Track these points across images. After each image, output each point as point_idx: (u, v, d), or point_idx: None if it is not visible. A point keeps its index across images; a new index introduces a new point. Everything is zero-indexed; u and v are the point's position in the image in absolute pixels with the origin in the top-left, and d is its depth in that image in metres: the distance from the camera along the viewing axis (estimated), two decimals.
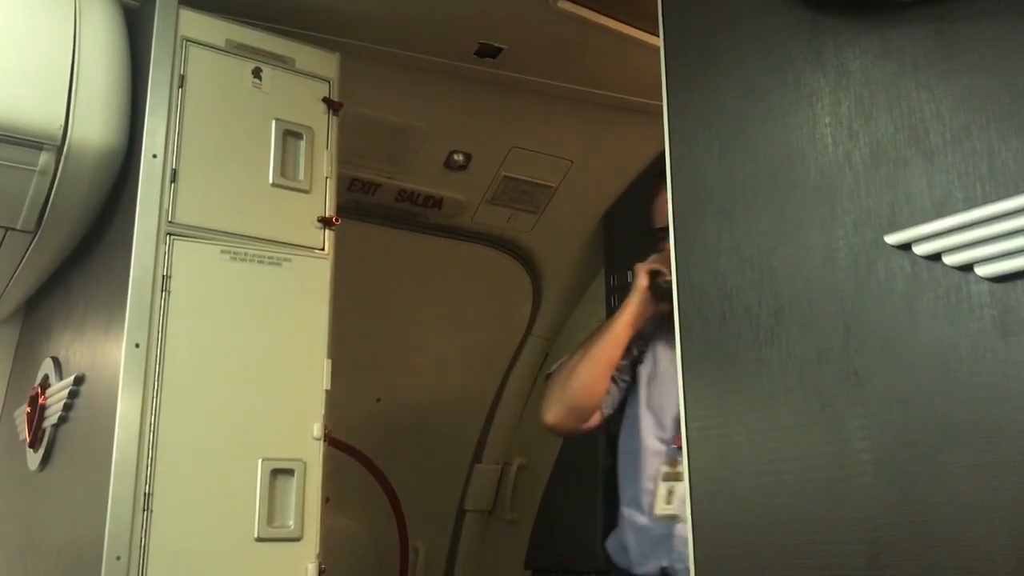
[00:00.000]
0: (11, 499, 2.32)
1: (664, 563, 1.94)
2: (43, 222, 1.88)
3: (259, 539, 1.64)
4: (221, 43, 1.81)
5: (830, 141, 1.11)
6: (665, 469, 2.00)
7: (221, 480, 1.64)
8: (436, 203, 2.79)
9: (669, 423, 2.03)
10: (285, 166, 1.83)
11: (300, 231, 1.82)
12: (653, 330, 2.15)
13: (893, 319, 1.00)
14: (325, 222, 1.85)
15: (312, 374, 1.76)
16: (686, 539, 1.82)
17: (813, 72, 1.15)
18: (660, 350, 2.15)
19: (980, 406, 0.92)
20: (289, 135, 1.84)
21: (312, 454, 1.73)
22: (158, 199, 1.68)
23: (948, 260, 0.96)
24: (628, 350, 2.13)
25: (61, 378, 2.00)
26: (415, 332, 2.88)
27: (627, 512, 2.06)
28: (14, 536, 2.21)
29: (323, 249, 1.84)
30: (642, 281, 2.10)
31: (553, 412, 2.12)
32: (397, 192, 2.73)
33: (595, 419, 2.15)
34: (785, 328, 1.12)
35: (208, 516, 1.62)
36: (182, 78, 1.75)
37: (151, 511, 1.56)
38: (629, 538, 2.03)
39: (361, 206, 2.68)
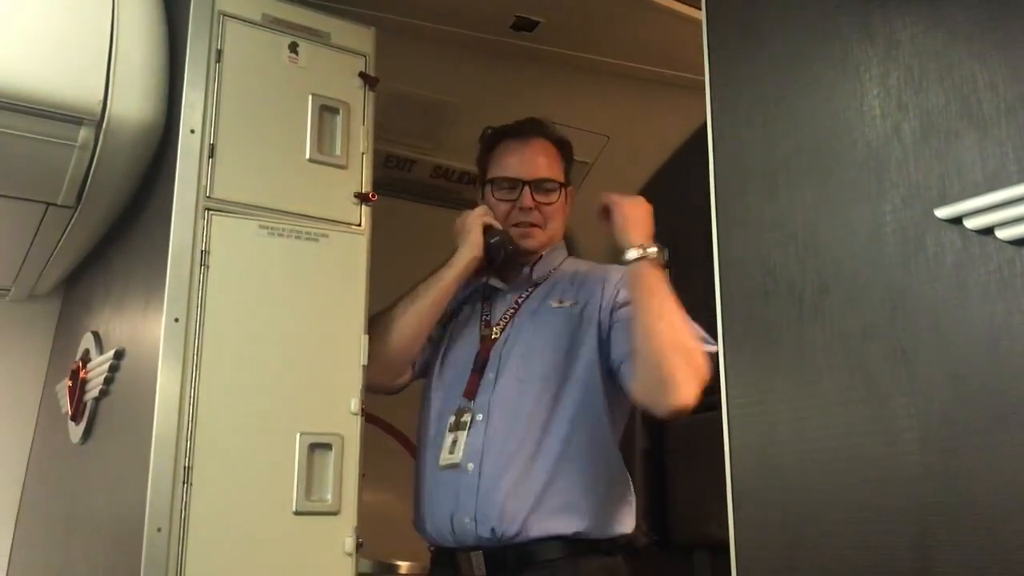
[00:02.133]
0: (53, 471, 2.36)
1: (453, 514, 1.86)
2: (83, 197, 1.90)
3: (297, 512, 1.65)
4: (258, 17, 1.81)
5: (878, 113, 1.08)
6: (451, 419, 1.92)
7: (259, 454, 1.65)
8: (472, 180, 2.78)
9: (460, 373, 1.97)
10: (322, 141, 1.82)
11: (337, 207, 1.82)
12: (462, 288, 2.06)
13: (942, 295, 0.98)
14: (362, 198, 1.84)
15: (349, 349, 1.77)
16: (470, 488, 1.82)
17: (860, 42, 1.12)
18: (466, 308, 2.09)
19: None
20: (325, 110, 1.84)
21: (349, 429, 1.73)
22: (196, 174, 1.68)
23: (1001, 234, 0.93)
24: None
25: (102, 352, 2.02)
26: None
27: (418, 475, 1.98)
28: (56, 507, 2.24)
29: (360, 225, 1.84)
30: (477, 234, 2.00)
31: (372, 366, 1.84)
32: (432, 168, 2.72)
33: (406, 377, 2.05)
34: (830, 304, 1.10)
35: (247, 489, 1.63)
36: (219, 53, 1.74)
37: (191, 484, 1.57)
38: (422, 497, 1.95)
39: (396, 182, 2.68)
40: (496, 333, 1.99)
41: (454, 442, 1.89)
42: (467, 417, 1.90)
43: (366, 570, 2.42)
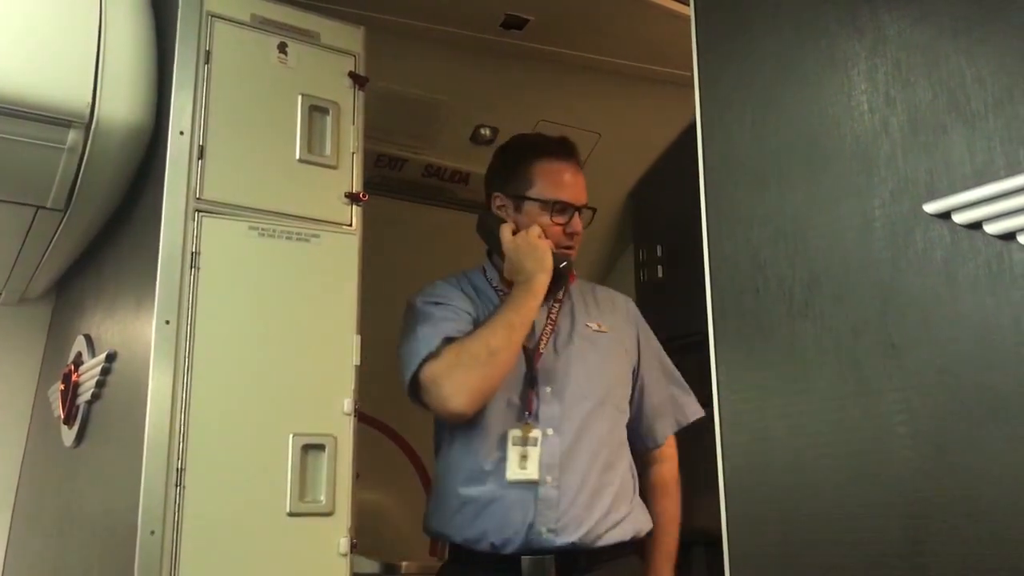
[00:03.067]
0: (46, 475, 2.35)
1: (528, 524, 1.91)
2: (73, 200, 1.89)
3: (291, 514, 1.65)
4: (246, 18, 1.80)
5: (866, 108, 1.08)
6: (516, 433, 1.96)
7: (253, 455, 1.65)
8: (463, 178, 2.78)
9: (514, 388, 2.00)
10: (312, 142, 1.82)
11: (327, 207, 1.81)
12: (482, 299, 2.14)
13: (932, 289, 0.98)
14: (352, 198, 1.84)
15: (342, 350, 1.76)
16: (549, 501, 1.92)
17: (848, 37, 1.12)
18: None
19: (1022, 377, 0.89)
20: (315, 110, 1.83)
21: (343, 429, 1.73)
22: (186, 176, 1.68)
23: (989, 228, 0.93)
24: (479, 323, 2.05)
25: (94, 355, 2.02)
26: None
27: (462, 483, 1.99)
28: (50, 511, 2.24)
29: (351, 225, 1.83)
30: (550, 260, 2.02)
31: (466, 398, 1.91)
32: (424, 167, 2.72)
33: None
34: (820, 300, 1.11)
35: (240, 491, 1.63)
36: (208, 54, 1.74)
37: (184, 486, 1.57)
38: (481, 509, 1.95)
39: (388, 182, 2.68)
40: (542, 348, 2.06)
41: (523, 457, 1.95)
42: (535, 432, 1.97)
43: (370, 570, 2.41)
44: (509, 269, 2.07)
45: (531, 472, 1.94)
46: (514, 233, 2.08)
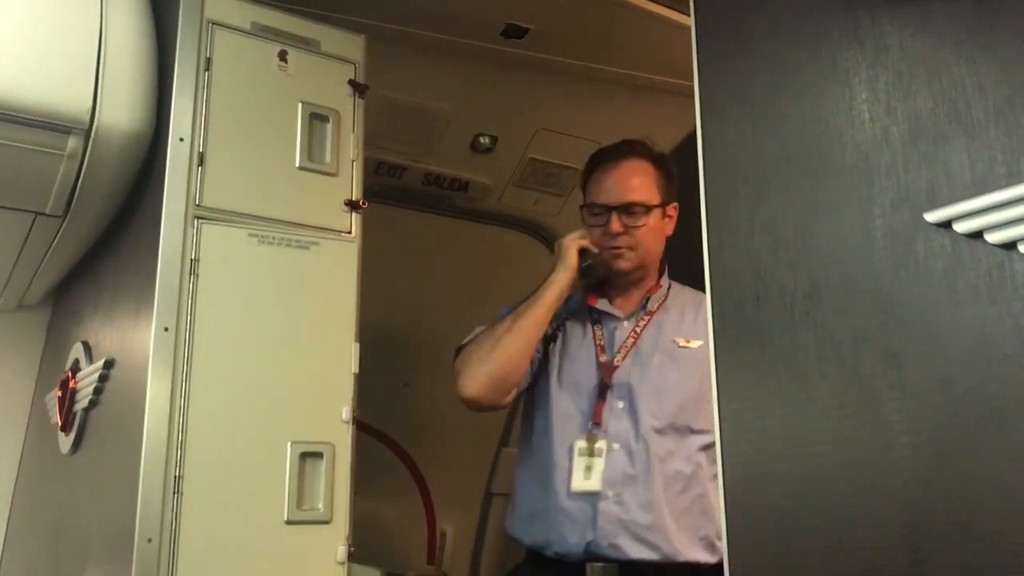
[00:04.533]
0: (43, 482, 2.35)
1: (589, 538, 1.96)
2: (72, 206, 1.89)
3: (289, 522, 1.64)
4: (247, 25, 1.80)
5: (867, 117, 1.08)
6: (581, 444, 2.02)
7: (250, 463, 1.65)
8: (462, 186, 2.78)
9: (583, 398, 2.06)
10: (312, 149, 1.82)
11: (327, 214, 1.81)
12: (563, 308, 2.16)
13: (933, 299, 0.98)
14: (352, 205, 1.84)
15: (340, 358, 1.76)
16: (610, 515, 1.94)
17: (849, 46, 1.12)
18: (570, 327, 2.18)
19: (1023, 387, 0.89)
20: (315, 118, 1.84)
21: (341, 437, 1.73)
22: (185, 182, 1.68)
23: (990, 238, 0.93)
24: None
25: (91, 362, 2.01)
26: (442, 316, 2.87)
27: (533, 489, 2.08)
28: (46, 519, 2.23)
29: (350, 233, 1.83)
30: (571, 258, 2.11)
31: (476, 384, 2.06)
32: (423, 175, 2.72)
33: (513, 394, 2.14)
34: (821, 309, 1.10)
35: (238, 499, 1.62)
36: (208, 61, 1.74)
37: (181, 494, 1.56)
38: (547, 515, 2.03)
39: (387, 190, 2.68)
40: (618, 361, 2.08)
41: (588, 467, 1.99)
42: (601, 444, 2.00)
43: None
44: None
45: (594, 484, 1.98)
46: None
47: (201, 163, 1.70)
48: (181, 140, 1.69)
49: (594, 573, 1.95)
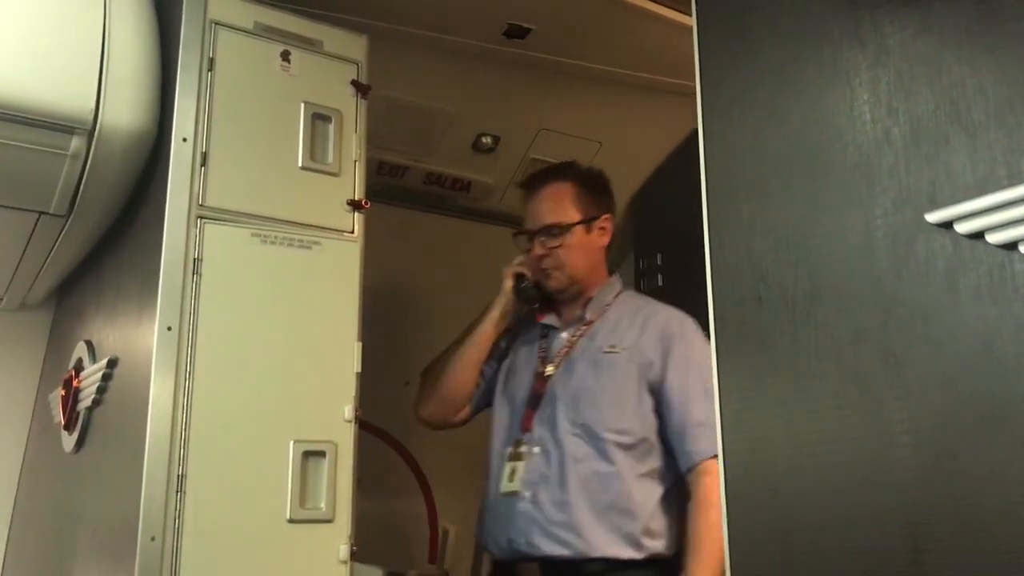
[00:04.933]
0: (46, 480, 2.35)
1: (509, 537, 2.07)
2: (75, 206, 1.89)
3: (291, 521, 1.65)
4: (250, 26, 1.81)
5: (868, 118, 1.09)
6: (509, 449, 2.15)
7: (253, 462, 1.65)
8: (464, 186, 2.79)
9: (518, 407, 2.19)
10: (314, 149, 1.82)
11: (330, 214, 1.82)
12: (517, 327, 2.34)
13: (933, 299, 0.98)
14: (354, 205, 1.84)
15: (343, 357, 1.76)
16: (528, 515, 2.03)
17: (850, 47, 1.12)
18: (521, 344, 2.31)
19: None
20: (318, 118, 1.84)
21: (343, 436, 1.73)
22: (189, 182, 1.68)
23: (991, 238, 0.93)
24: (496, 346, 2.33)
25: (94, 361, 2.02)
26: (444, 315, 2.87)
27: (483, 494, 2.22)
28: (50, 517, 2.23)
29: (352, 232, 1.83)
30: (507, 284, 2.28)
31: (423, 406, 2.33)
32: (425, 175, 2.72)
33: (465, 412, 2.34)
34: (822, 309, 1.11)
35: (241, 498, 1.63)
36: (211, 61, 1.74)
37: (184, 493, 1.57)
38: (486, 517, 2.18)
39: (389, 189, 2.68)
40: (550, 371, 2.18)
41: (513, 471, 2.11)
42: (524, 448, 2.12)
43: None
44: None
45: (515, 486, 2.08)
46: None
47: (204, 163, 1.70)
48: (184, 140, 1.70)
49: (520, 572, 2.08)
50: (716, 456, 1.89)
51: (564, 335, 2.23)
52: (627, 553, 2.00)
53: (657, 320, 2.17)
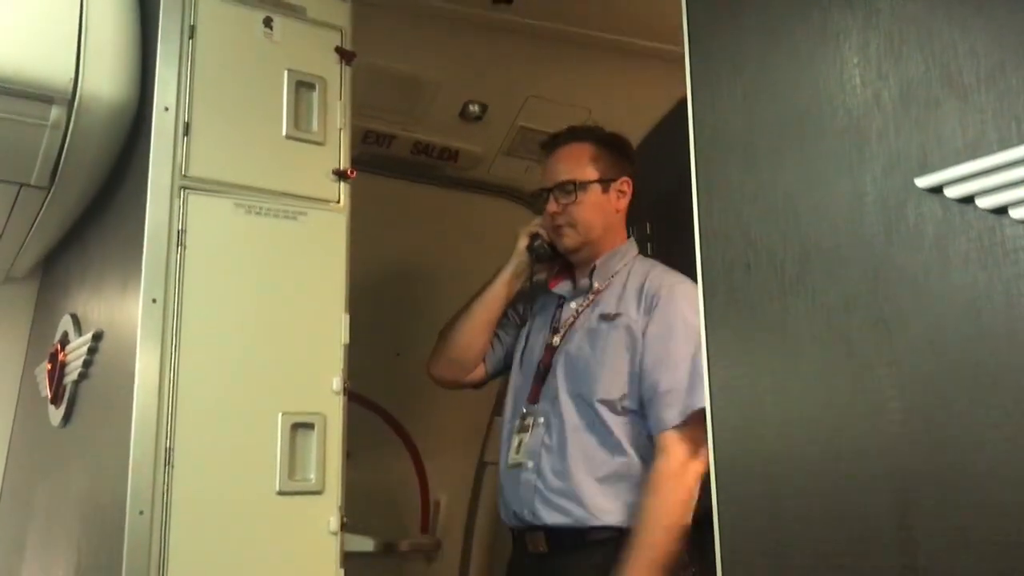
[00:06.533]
0: (34, 455, 2.35)
1: (514, 508, 2.10)
2: (57, 177, 1.87)
3: (280, 493, 1.64)
4: None
5: (858, 82, 1.07)
6: (517, 422, 2.17)
7: (241, 434, 1.64)
8: (452, 155, 2.76)
9: (528, 378, 2.19)
10: (298, 118, 1.80)
11: (315, 184, 1.80)
12: (536, 294, 2.31)
13: (923, 264, 0.98)
14: (340, 175, 1.82)
15: (330, 328, 1.75)
16: (530, 485, 2.04)
17: (840, 10, 1.11)
18: (538, 312, 2.30)
19: (1015, 352, 0.89)
20: (302, 86, 1.81)
21: (332, 408, 1.72)
22: (171, 152, 1.66)
23: (981, 203, 0.92)
24: (516, 311, 2.34)
25: (80, 335, 2.00)
26: (432, 285, 2.87)
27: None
28: (37, 491, 2.23)
29: (338, 202, 1.82)
30: (521, 243, 2.26)
31: (435, 364, 2.32)
32: (412, 144, 2.70)
33: (478, 373, 2.34)
34: (811, 275, 1.10)
35: (229, 470, 1.62)
36: (192, 28, 1.71)
37: (172, 466, 1.56)
38: (500, 490, 2.20)
39: (376, 159, 2.66)
40: (556, 341, 2.19)
41: (520, 442, 2.13)
42: (529, 420, 2.13)
43: (368, 548, 2.42)
44: None
45: (521, 457, 2.10)
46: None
47: (186, 133, 1.68)
48: (166, 110, 1.67)
49: (525, 538, 2.09)
50: (678, 427, 1.96)
51: (572, 305, 2.23)
52: (628, 521, 1.99)
53: (652, 284, 2.13)
